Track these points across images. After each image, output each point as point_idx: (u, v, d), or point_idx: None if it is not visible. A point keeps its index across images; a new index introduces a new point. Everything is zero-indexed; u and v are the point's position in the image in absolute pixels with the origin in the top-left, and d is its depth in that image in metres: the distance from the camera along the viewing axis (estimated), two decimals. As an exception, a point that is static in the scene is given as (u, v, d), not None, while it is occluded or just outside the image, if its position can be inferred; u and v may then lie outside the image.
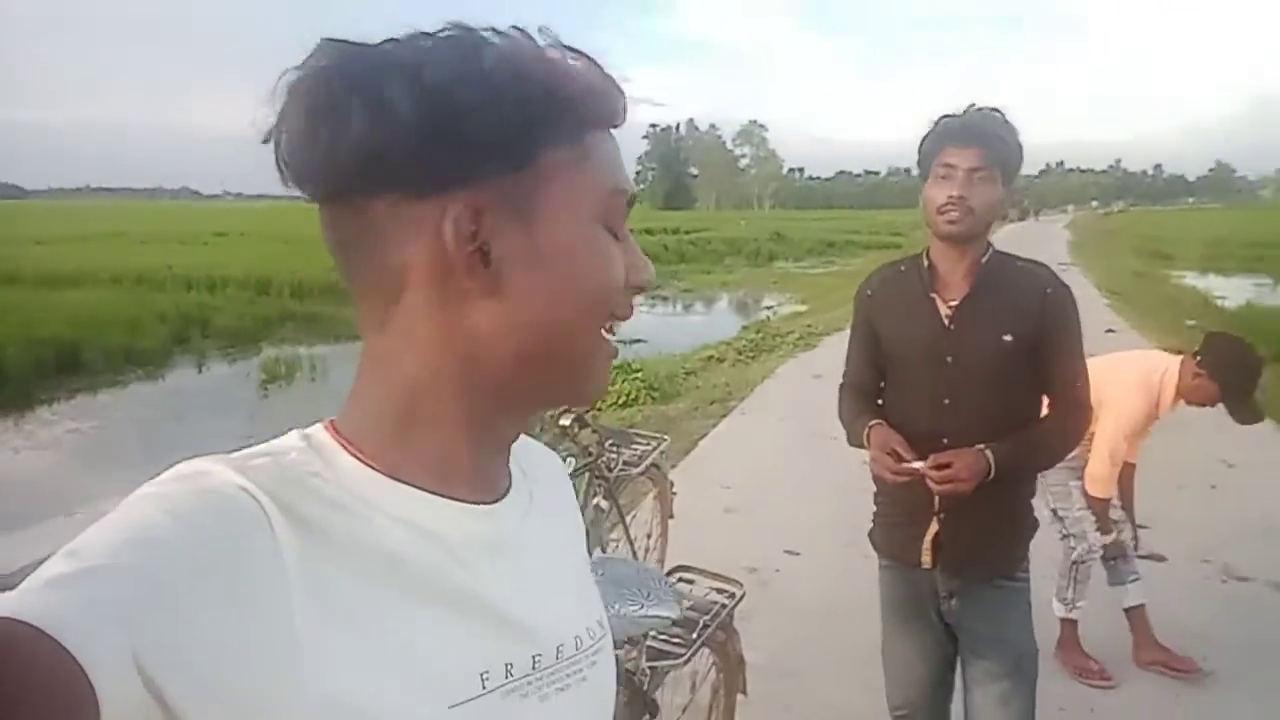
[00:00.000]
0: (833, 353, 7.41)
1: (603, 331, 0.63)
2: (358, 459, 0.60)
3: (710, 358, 10.83)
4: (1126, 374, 3.31)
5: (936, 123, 2.02)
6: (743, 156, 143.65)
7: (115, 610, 0.43)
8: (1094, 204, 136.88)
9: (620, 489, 3.10)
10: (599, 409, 8.35)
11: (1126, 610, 3.49)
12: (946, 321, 2.03)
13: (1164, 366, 3.31)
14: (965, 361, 2.01)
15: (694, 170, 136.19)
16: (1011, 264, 2.06)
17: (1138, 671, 3.45)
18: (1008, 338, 1.98)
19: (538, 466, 0.75)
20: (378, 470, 0.60)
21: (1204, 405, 3.29)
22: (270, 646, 0.49)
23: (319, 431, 0.62)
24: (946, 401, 2.02)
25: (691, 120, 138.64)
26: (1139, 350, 3.58)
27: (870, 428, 2.05)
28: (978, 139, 1.95)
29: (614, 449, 2.93)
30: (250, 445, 0.59)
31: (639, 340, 15.63)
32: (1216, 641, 3.64)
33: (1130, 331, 11.93)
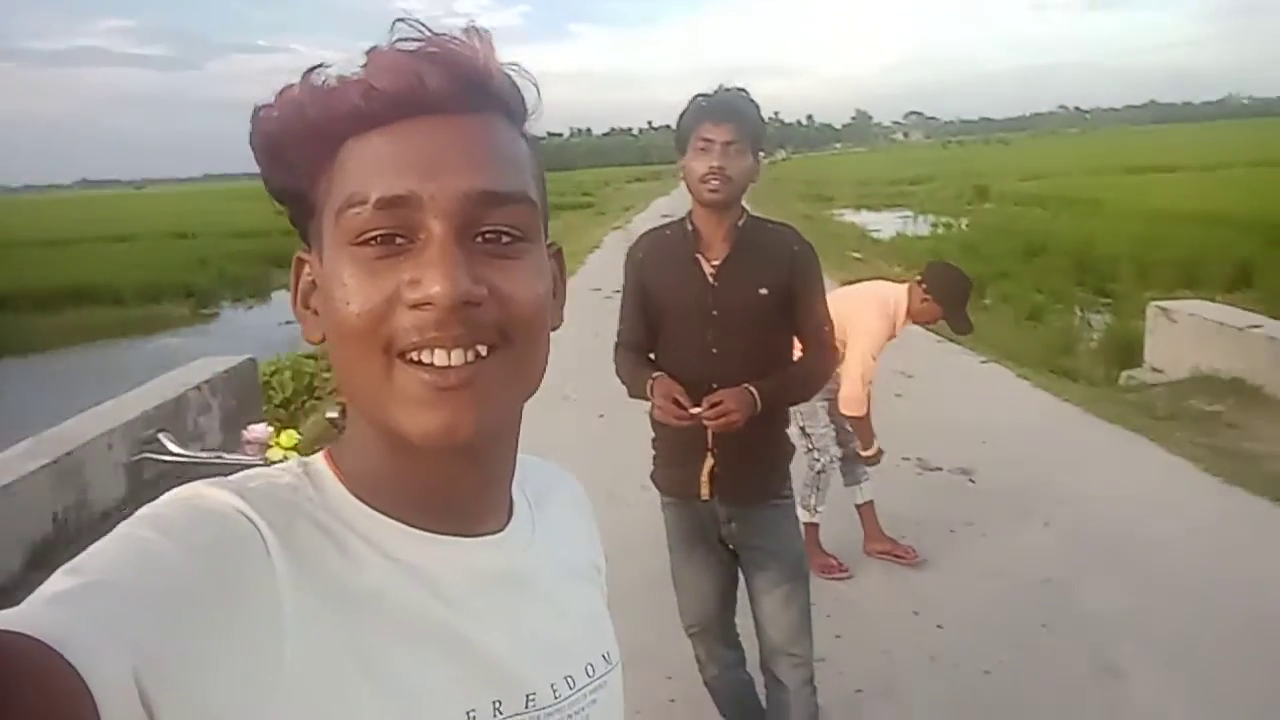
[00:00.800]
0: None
1: (400, 360, 0.55)
2: (347, 488, 0.60)
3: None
4: (866, 303, 3.74)
5: (693, 101, 2.20)
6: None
7: (117, 627, 0.43)
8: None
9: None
10: (318, 399, 7.99)
11: (859, 506, 3.95)
12: (711, 279, 2.22)
13: (895, 294, 3.77)
14: (728, 314, 2.21)
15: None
16: (763, 226, 2.28)
17: (868, 561, 3.92)
18: (763, 290, 2.19)
19: (551, 492, 0.74)
20: (364, 501, 0.60)
21: (929, 323, 3.82)
22: (261, 674, 0.49)
23: (317, 459, 0.62)
24: (715, 350, 2.21)
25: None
26: (870, 282, 4.04)
27: (653, 380, 2.18)
28: (732, 115, 2.15)
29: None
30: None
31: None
32: (925, 525, 4.21)
33: (809, 267, 13.21)
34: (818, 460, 3.83)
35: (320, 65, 0.57)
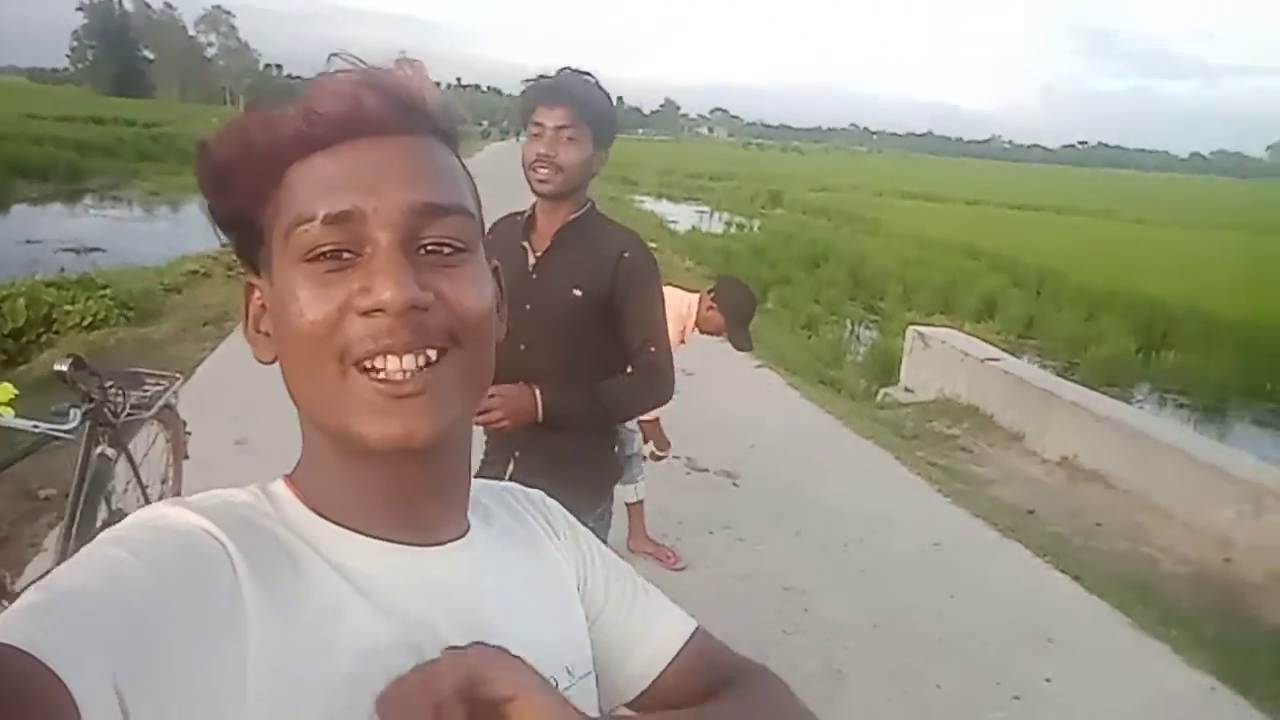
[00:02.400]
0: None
1: (354, 369, 0.58)
2: (305, 505, 0.62)
3: (194, 272, 9.77)
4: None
5: (529, 83, 2.05)
6: (209, 45, 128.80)
7: (95, 636, 0.45)
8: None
9: (130, 435, 2.76)
10: (56, 334, 7.18)
11: (628, 505, 4.01)
12: (530, 270, 2.10)
13: (687, 301, 3.85)
14: (540, 310, 2.05)
15: (149, 54, 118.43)
16: (600, 224, 2.14)
17: (632, 558, 4.01)
18: (577, 292, 2.05)
19: (510, 510, 0.76)
20: (317, 513, 0.62)
21: (713, 334, 3.88)
22: (228, 687, 0.50)
23: (276, 482, 0.64)
24: (523, 347, 2.00)
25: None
26: (666, 288, 4.11)
27: None
28: (565, 98, 2.01)
29: (119, 393, 2.57)
30: None
31: (96, 249, 13.63)
32: (687, 525, 4.36)
33: (606, 252, 13.34)
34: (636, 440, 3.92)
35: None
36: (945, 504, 5.01)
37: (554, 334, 2.07)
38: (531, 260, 2.11)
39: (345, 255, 0.57)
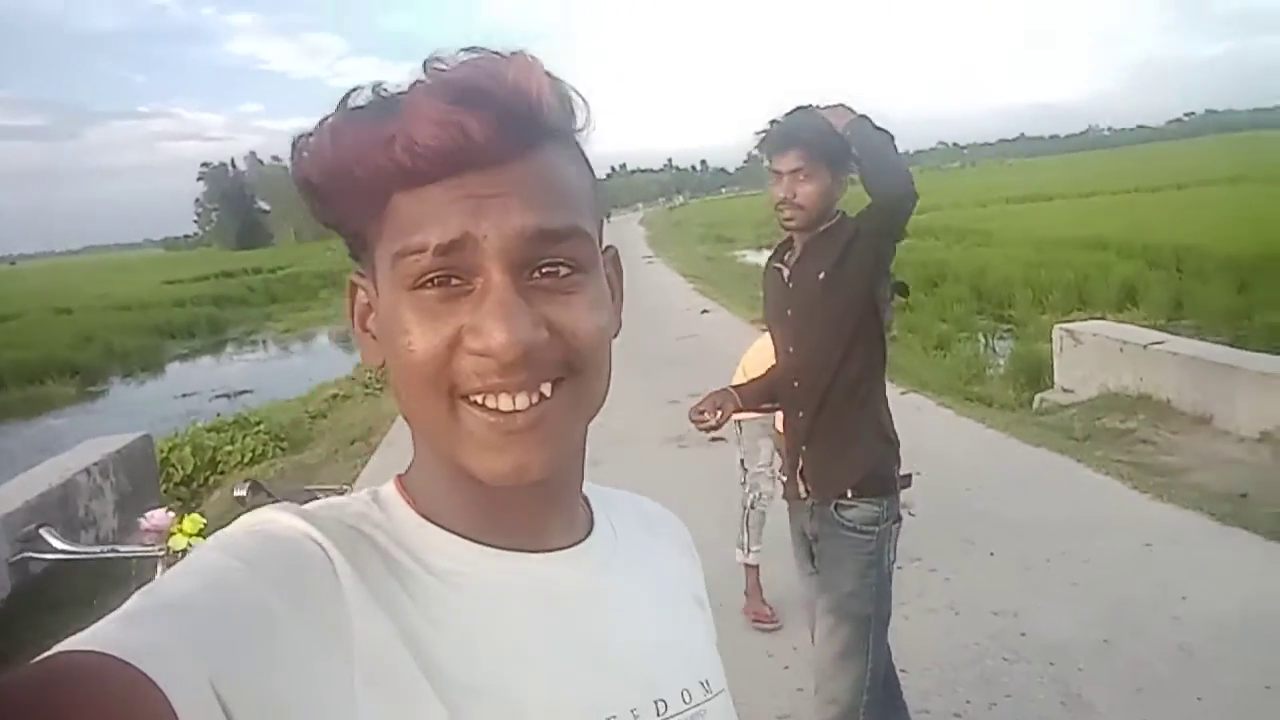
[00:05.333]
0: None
1: (464, 403, 0.55)
2: (414, 510, 0.60)
3: (335, 396, 10.18)
4: None
5: (761, 132, 2.23)
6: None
7: (192, 640, 0.44)
8: (661, 200, 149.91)
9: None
10: (222, 474, 7.53)
11: (746, 566, 3.78)
12: (786, 281, 2.34)
13: None
14: (798, 310, 2.32)
15: (265, 205, 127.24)
16: (841, 223, 2.27)
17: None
18: (821, 275, 2.25)
19: (642, 522, 0.73)
20: (428, 519, 0.60)
21: None
22: (332, 688, 0.49)
23: (388, 485, 0.63)
24: (790, 349, 2.36)
25: (253, 153, 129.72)
26: None
27: None
28: (793, 143, 2.16)
29: (297, 508, 2.60)
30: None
31: (245, 391, 14.44)
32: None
33: (720, 309, 13.35)
34: (748, 495, 3.75)
35: (356, 89, 0.56)
36: (1145, 500, 4.62)
37: (808, 324, 2.27)
38: (786, 273, 2.32)
39: (455, 282, 0.54)
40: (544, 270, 0.55)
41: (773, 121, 2.23)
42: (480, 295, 0.54)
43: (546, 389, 0.55)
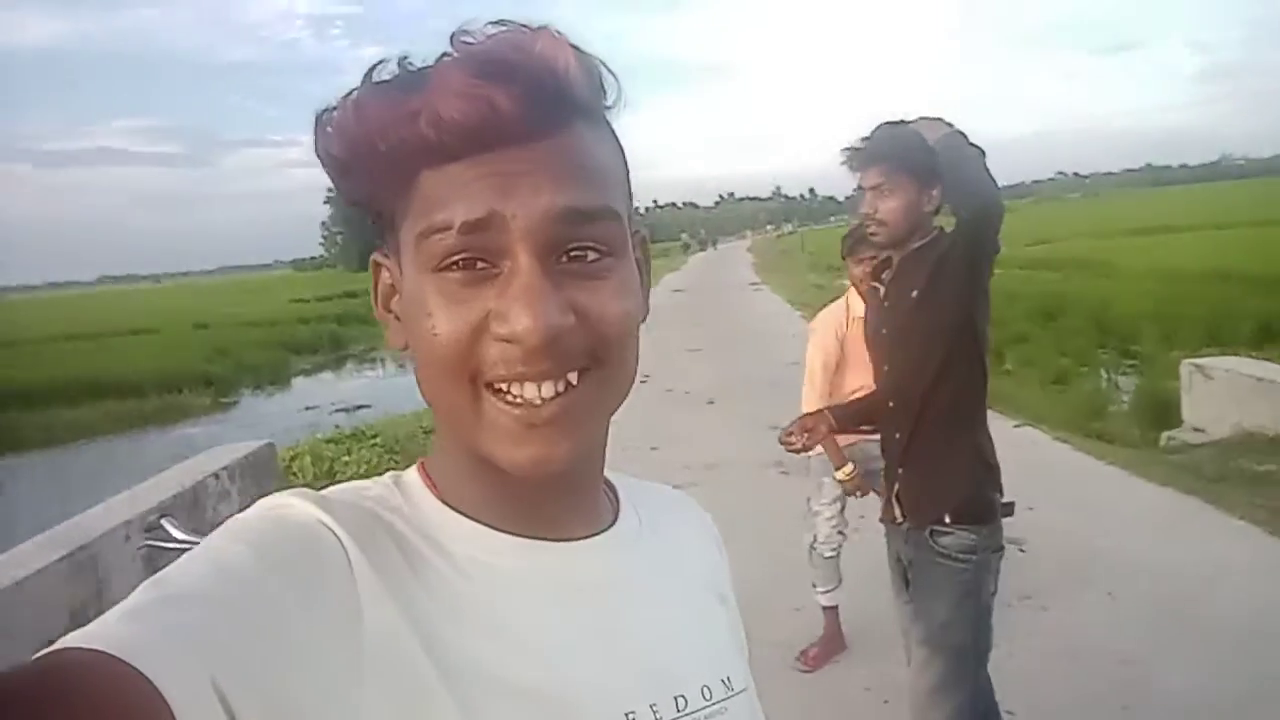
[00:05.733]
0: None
1: (488, 390, 0.53)
2: (436, 496, 0.60)
3: (446, 413, 10.46)
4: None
5: (848, 150, 2.24)
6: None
7: (193, 636, 0.43)
8: (769, 228, 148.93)
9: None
10: (338, 483, 7.82)
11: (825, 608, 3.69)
12: (883, 299, 2.33)
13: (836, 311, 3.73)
14: (892, 329, 2.31)
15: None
16: (936, 240, 2.24)
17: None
18: (914, 293, 2.24)
19: (670, 514, 0.71)
20: (450, 506, 0.59)
21: None
22: (343, 683, 0.48)
23: (410, 471, 0.62)
24: (886, 368, 2.35)
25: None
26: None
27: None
28: (874, 159, 2.16)
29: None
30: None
31: (363, 406, 15.00)
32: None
33: (828, 337, 13.13)
34: (808, 534, 3.67)
35: (380, 62, 0.54)
36: (1285, 547, 4.33)
37: (902, 343, 2.25)
38: (882, 292, 2.31)
39: (480, 265, 0.53)
40: (572, 254, 0.54)
41: (863, 139, 2.21)
42: (507, 279, 0.52)
43: (573, 378, 0.54)
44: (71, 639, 0.42)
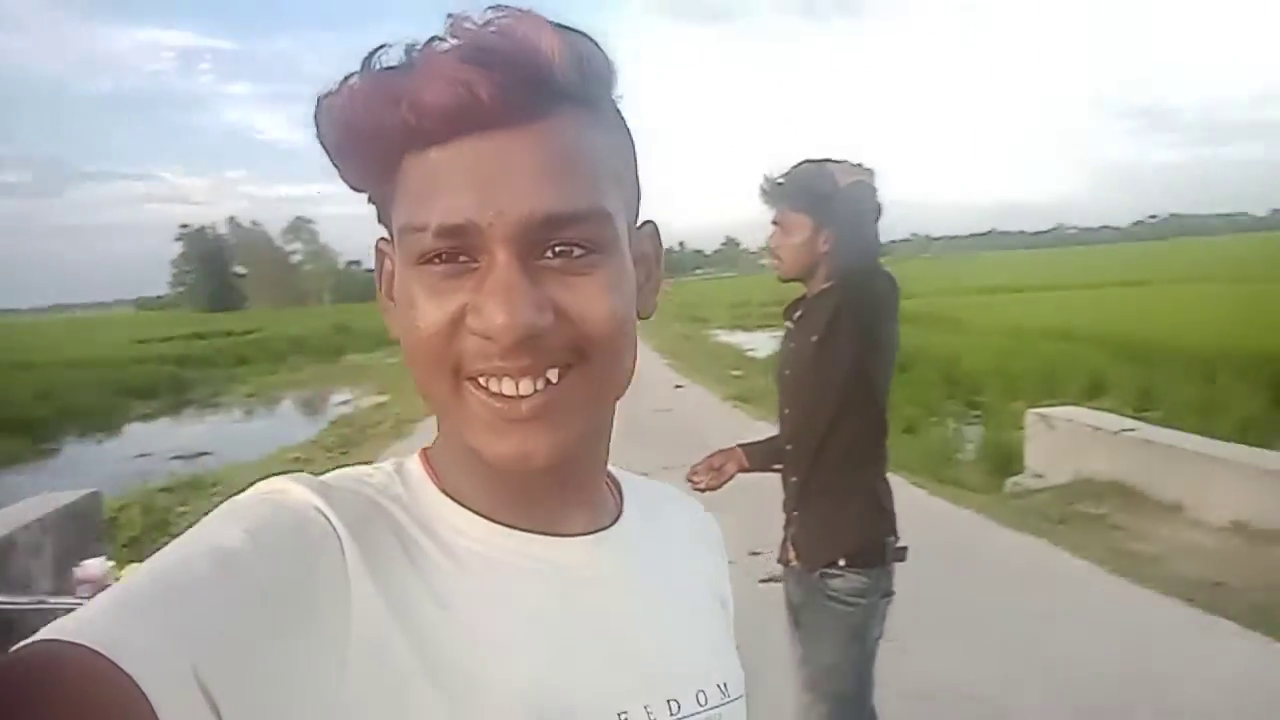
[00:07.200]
0: (428, 439, 7.18)
1: (469, 383, 0.53)
2: (436, 485, 0.59)
3: (297, 459, 9.96)
4: None
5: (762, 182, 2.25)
6: (294, 252, 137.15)
7: (178, 628, 0.43)
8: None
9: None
10: (171, 537, 7.25)
11: None
12: (789, 339, 2.34)
13: None
14: (793, 371, 2.30)
15: (241, 270, 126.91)
16: (844, 283, 2.21)
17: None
18: (814, 338, 2.23)
19: (669, 515, 0.71)
20: (450, 496, 0.59)
21: None
22: (326, 671, 0.47)
23: (413, 458, 0.62)
24: (786, 411, 2.32)
25: (233, 218, 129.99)
26: None
27: None
28: (775, 198, 2.20)
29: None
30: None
31: (203, 453, 14.08)
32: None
33: (695, 385, 13.33)
34: None
35: (382, 47, 0.53)
36: (1126, 586, 4.52)
37: (801, 386, 2.24)
38: (791, 328, 2.31)
39: (462, 259, 0.52)
40: (556, 250, 0.52)
41: (782, 175, 2.22)
42: (484, 274, 0.51)
43: (553, 375, 0.52)
44: (55, 630, 0.41)
